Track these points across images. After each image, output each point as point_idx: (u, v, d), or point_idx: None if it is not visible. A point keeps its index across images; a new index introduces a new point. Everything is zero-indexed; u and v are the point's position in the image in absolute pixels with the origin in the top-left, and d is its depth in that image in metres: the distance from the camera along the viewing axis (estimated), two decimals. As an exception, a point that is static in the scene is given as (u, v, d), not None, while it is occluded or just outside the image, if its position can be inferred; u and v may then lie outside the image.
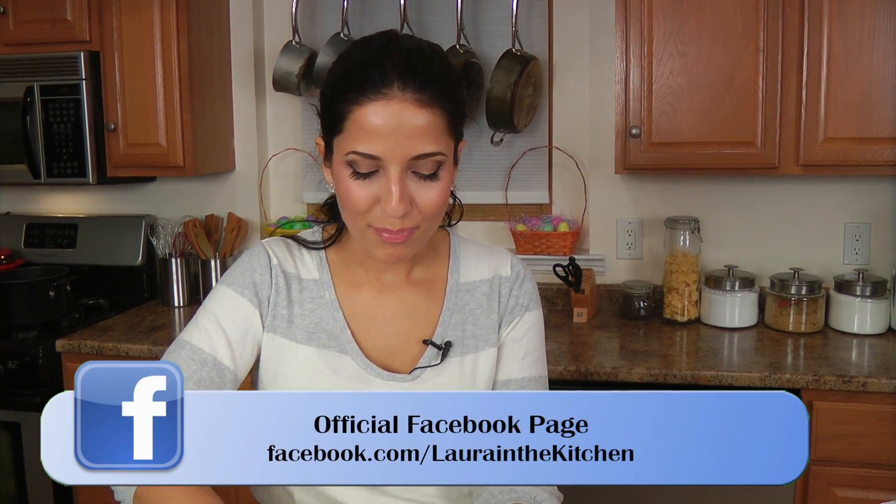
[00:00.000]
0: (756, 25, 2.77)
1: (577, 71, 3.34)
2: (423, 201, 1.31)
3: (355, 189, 1.30)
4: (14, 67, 3.33)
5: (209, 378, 1.39)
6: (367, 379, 1.45)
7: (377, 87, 1.26)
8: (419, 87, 1.27)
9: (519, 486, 1.40)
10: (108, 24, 3.27)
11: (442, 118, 1.29)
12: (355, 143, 1.28)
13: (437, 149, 1.29)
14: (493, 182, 3.51)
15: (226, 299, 1.46)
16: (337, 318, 1.47)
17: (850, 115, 2.74)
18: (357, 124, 1.28)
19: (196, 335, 1.43)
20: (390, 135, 1.26)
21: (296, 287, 1.48)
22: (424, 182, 1.30)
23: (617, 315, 3.26)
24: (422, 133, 1.27)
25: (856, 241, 3.16)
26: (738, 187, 3.23)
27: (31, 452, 3.03)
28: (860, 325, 2.92)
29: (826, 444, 2.51)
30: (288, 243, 1.53)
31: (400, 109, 1.26)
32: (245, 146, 3.66)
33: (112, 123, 3.31)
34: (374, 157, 1.27)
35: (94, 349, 2.98)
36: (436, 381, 1.46)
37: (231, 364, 1.42)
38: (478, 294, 1.53)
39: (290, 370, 1.45)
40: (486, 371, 1.50)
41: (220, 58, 3.54)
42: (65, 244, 3.74)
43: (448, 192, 1.35)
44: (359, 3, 3.47)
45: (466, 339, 1.50)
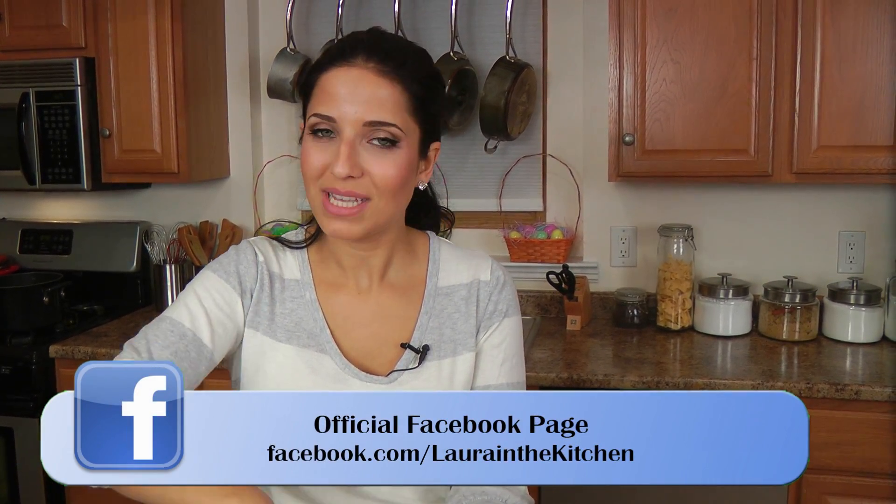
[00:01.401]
0: (749, 33, 2.78)
1: (571, 78, 3.35)
2: (376, 171, 1.33)
3: (311, 151, 1.35)
4: (10, 73, 3.33)
5: (186, 351, 1.38)
6: (344, 379, 1.45)
7: (344, 56, 1.35)
8: (382, 59, 1.34)
9: (490, 488, 1.41)
10: (104, 31, 3.28)
11: (403, 94, 1.34)
12: (317, 105, 1.35)
13: (393, 120, 1.33)
14: (487, 189, 3.52)
15: (210, 282, 1.47)
16: (317, 318, 1.48)
17: (843, 123, 2.75)
18: (321, 89, 1.36)
19: (177, 311, 1.43)
20: (347, 98, 1.32)
21: (278, 286, 1.50)
22: (378, 151, 1.34)
23: (610, 323, 3.27)
24: (378, 102, 1.33)
25: (850, 249, 3.17)
26: (732, 195, 3.24)
27: (24, 458, 3.02)
28: (854, 334, 2.93)
29: (819, 453, 2.51)
30: (272, 243, 1.55)
31: (360, 75, 1.33)
32: (240, 153, 3.66)
33: (107, 129, 3.31)
34: (330, 117, 1.32)
35: (87, 355, 2.97)
36: (413, 384, 1.47)
37: (209, 343, 1.41)
38: (456, 298, 1.54)
39: (270, 368, 1.46)
40: (463, 375, 1.51)
41: (214, 64, 3.54)
42: (60, 250, 3.73)
43: (404, 173, 1.36)
44: (353, 11, 3.48)
45: (444, 343, 1.51)
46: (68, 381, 2.96)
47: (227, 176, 3.68)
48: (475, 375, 1.52)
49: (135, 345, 1.40)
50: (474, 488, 1.44)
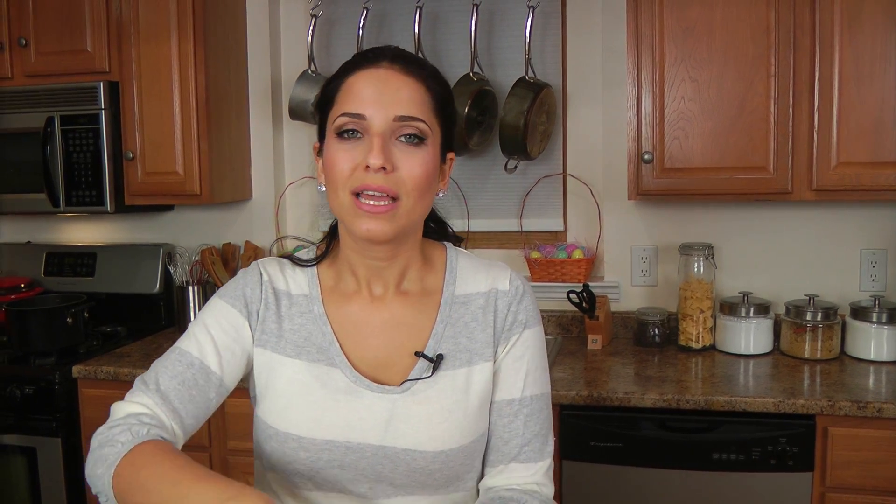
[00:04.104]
0: (767, 50, 2.78)
1: (591, 98, 3.36)
2: (405, 168, 1.36)
3: (340, 154, 1.37)
4: (35, 98, 3.39)
5: (194, 379, 1.42)
6: (356, 391, 1.44)
7: (368, 60, 1.40)
8: (407, 64, 1.40)
9: (518, 494, 1.43)
10: (128, 55, 3.33)
11: (428, 93, 1.39)
12: (344, 106, 1.38)
13: (421, 116, 1.37)
14: (508, 210, 3.53)
15: (217, 309, 1.50)
16: (325, 332, 1.48)
17: (862, 140, 2.74)
18: (347, 91, 1.39)
19: (186, 341, 1.47)
20: (375, 96, 1.36)
21: (285, 303, 1.51)
22: (408, 148, 1.37)
23: (632, 342, 3.25)
24: (406, 98, 1.37)
25: (872, 267, 3.15)
26: (752, 213, 3.23)
27: (47, 477, 3.05)
28: (876, 352, 2.90)
29: (841, 471, 2.49)
30: (281, 262, 1.57)
31: (386, 75, 1.38)
32: (262, 175, 3.69)
33: (130, 152, 3.35)
34: (360, 115, 1.35)
35: (110, 375, 2.99)
36: (426, 393, 1.45)
37: (218, 369, 1.44)
38: (473, 307, 1.52)
39: (279, 383, 1.46)
40: (479, 385, 1.48)
41: (237, 87, 3.58)
42: (84, 273, 3.77)
43: (431, 172, 1.39)
44: (374, 33, 3.51)
45: (460, 353, 1.48)
46: (91, 402, 3.02)
47: (249, 198, 3.70)
48: (499, 388, 1.50)
49: (145, 379, 1.44)
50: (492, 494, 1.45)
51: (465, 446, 1.44)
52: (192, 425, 1.43)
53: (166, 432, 1.35)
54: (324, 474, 1.43)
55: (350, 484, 1.44)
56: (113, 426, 1.34)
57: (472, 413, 1.45)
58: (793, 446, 2.51)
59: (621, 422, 2.63)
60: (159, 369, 1.44)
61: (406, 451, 1.41)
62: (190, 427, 1.42)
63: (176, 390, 1.41)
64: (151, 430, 1.32)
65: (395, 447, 1.41)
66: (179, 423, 1.39)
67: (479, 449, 1.48)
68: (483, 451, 1.50)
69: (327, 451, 1.41)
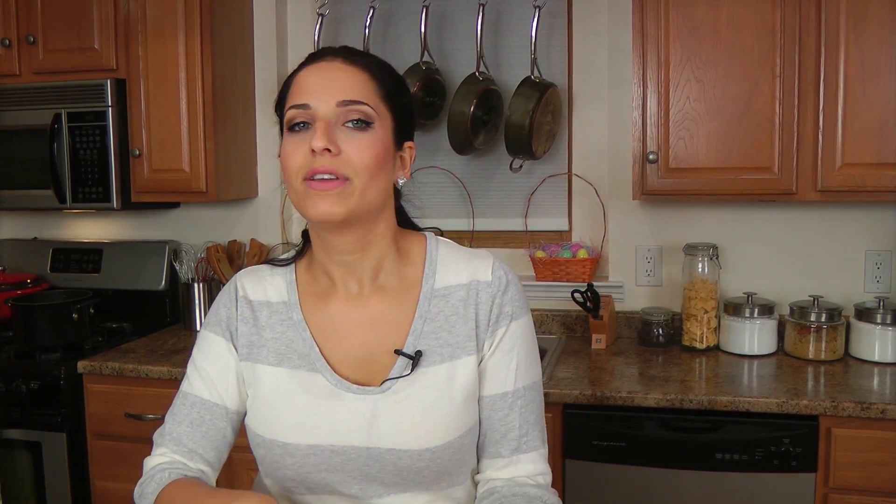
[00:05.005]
0: (772, 51, 2.78)
1: (596, 98, 3.36)
2: (352, 150, 1.36)
3: (290, 146, 1.39)
4: (42, 95, 3.40)
5: (200, 417, 1.50)
6: (338, 394, 1.44)
7: (312, 58, 1.45)
8: (349, 55, 1.44)
9: (531, 489, 1.45)
10: (135, 53, 3.34)
11: (372, 80, 1.42)
12: (291, 100, 1.41)
13: (364, 99, 1.39)
14: (513, 209, 3.53)
15: (203, 341, 1.56)
16: (305, 338, 1.49)
17: (867, 141, 2.73)
18: (295, 86, 1.43)
19: (185, 383, 1.55)
20: (319, 86, 1.40)
21: (265, 313, 1.53)
22: (354, 132, 1.38)
23: (635, 342, 3.26)
24: (348, 84, 1.39)
25: (877, 268, 3.14)
26: (757, 214, 3.23)
27: (52, 471, 3.06)
28: (881, 353, 2.89)
29: (844, 472, 2.49)
30: (259, 271, 1.59)
31: (328, 65, 1.42)
32: (268, 172, 3.70)
33: (137, 150, 3.36)
34: (305, 104, 1.38)
35: (115, 370, 3.01)
36: (407, 392, 1.43)
37: (218, 399, 1.51)
38: (454, 300, 1.49)
39: (263, 391, 1.48)
40: (463, 380, 1.45)
41: (243, 85, 3.59)
42: (90, 269, 3.79)
43: (380, 154, 1.40)
44: (381, 31, 3.51)
45: (441, 348, 1.46)
46: (95, 397, 3.04)
47: (255, 195, 3.71)
48: (491, 382, 1.48)
49: (160, 431, 1.54)
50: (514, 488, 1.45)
51: (451, 442, 1.43)
52: (215, 458, 1.51)
53: (190, 471, 1.46)
54: (313, 478, 1.44)
55: (340, 486, 1.44)
56: (143, 481, 1.46)
57: (457, 408, 1.44)
58: (796, 447, 2.51)
59: (624, 421, 2.63)
60: (169, 419, 1.52)
61: (391, 451, 1.41)
62: (213, 460, 1.51)
63: (187, 433, 1.49)
64: (173, 473, 1.44)
65: (380, 447, 1.41)
66: (201, 460, 1.48)
67: (469, 444, 1.48)
68: (474, 445, 1.50)
69: (313, 456, 1.42)
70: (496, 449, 1.49)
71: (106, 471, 3.06)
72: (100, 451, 3.08)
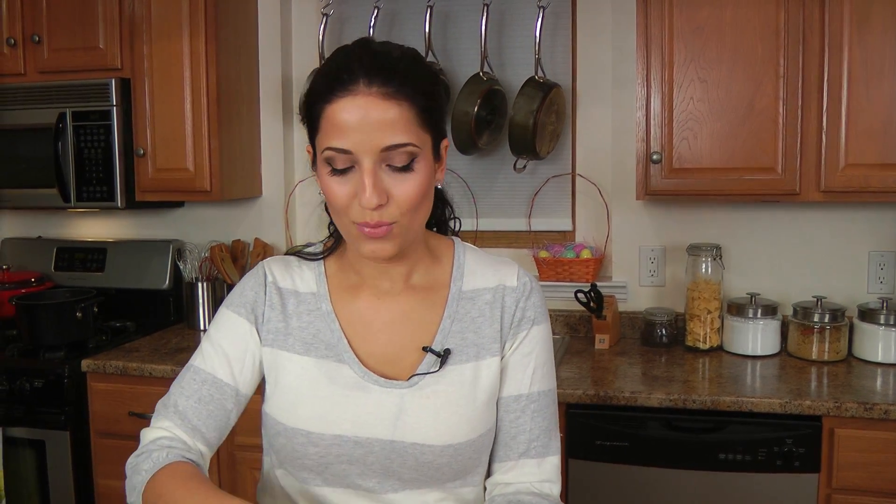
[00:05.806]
0: (776, 51, 2.78)
1: (600, 98, 3.36)
2: (399, 194, 1.33)
3: (334, 186, 1.34)
4: (47, 94, 3.41)
5: (209, 395, 1.47)
6: (364, 387, 1.45)
7: (345, 85, 1.32)
8: (384, 81, 1.31)
9: (526, 497, 1.44)
10: (139, 52, 3.35)
11: (411, 110, 1.32)
12: (329, 139, 1.33)
13: (407, 139, 1.32)
14: (517, 209, 3.53)
15: (224, 320, 1.53)
16: (333, 329, 1.49)
17: (871, 142, 2.73)
18: (329, 121, 1.33)
19: (199, 358, 1.51)
20: (359, 128, 1.30)
21: (292, 301, 1.52)
22: (399, 174, 1.33)
23: (639, 342, 3.26)
24: (390, 125, 1.31)
25: (880, 269, 3.14)
26: (760, 214, 3.23)
27: (55, 469, 3.07)
28: (884, 354, 2.89)
29: (847, 473, 2.49)
30: (287, 260, 1.58)
31: (366, 103, 1.30)
32: (272, 172, 3.71)
33: (141, 149, 3.37)
34: (346, 150, 1.31)
35: (118, 369, 3.01)
36: (434, 388, 1.45)
37: (231, 380, 1.48)
38: (480, 302, 1.52)
39: (288, 379, 1.48)
40: (487, 380, 1.48)
41: (248, 85, 3.59)
42: (94, 268, 3.80)
43: (426, 186, 1.37)
44: (385, 31, 3.51)
45: (467, 348, 1.49)
46: (99, 396, 3.04)
47: (259, 195, 3.72)
48: (506, 384, 1.51)
49: (164, 401, 1.51)
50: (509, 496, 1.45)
51: (472, 440, 1.45)
52: (216, 438, 1.48)
53: (189, 451, 1.42)
54: (333, 469, 1.44)
55: (359, 478, 1.45)
56: (139, 454, 1.43)
57: (480, 407, 1.46)
58: (799, 447, 2.51)
59: (628, 421, 2.63)
60: (176, 390, 1.49)
61: (414, 445, 1.42)
62: (213, 441, 1.48)
63: (193, 408, 1.46)
64: (171, 454, 1.39)
65: (404, 441, 1.42)
66: (202, 440, 1.45)
67: (487, 444, 1.49)
68: (490, 446, 1.51)
69: (336, 447, 1.42)
70: (505, 452, 1.50)
71: (109, 469, 3.06)
72: (103, 449, 3.09)
